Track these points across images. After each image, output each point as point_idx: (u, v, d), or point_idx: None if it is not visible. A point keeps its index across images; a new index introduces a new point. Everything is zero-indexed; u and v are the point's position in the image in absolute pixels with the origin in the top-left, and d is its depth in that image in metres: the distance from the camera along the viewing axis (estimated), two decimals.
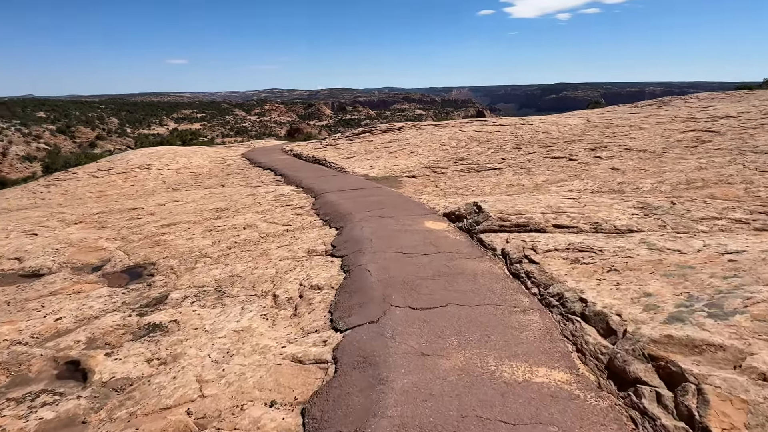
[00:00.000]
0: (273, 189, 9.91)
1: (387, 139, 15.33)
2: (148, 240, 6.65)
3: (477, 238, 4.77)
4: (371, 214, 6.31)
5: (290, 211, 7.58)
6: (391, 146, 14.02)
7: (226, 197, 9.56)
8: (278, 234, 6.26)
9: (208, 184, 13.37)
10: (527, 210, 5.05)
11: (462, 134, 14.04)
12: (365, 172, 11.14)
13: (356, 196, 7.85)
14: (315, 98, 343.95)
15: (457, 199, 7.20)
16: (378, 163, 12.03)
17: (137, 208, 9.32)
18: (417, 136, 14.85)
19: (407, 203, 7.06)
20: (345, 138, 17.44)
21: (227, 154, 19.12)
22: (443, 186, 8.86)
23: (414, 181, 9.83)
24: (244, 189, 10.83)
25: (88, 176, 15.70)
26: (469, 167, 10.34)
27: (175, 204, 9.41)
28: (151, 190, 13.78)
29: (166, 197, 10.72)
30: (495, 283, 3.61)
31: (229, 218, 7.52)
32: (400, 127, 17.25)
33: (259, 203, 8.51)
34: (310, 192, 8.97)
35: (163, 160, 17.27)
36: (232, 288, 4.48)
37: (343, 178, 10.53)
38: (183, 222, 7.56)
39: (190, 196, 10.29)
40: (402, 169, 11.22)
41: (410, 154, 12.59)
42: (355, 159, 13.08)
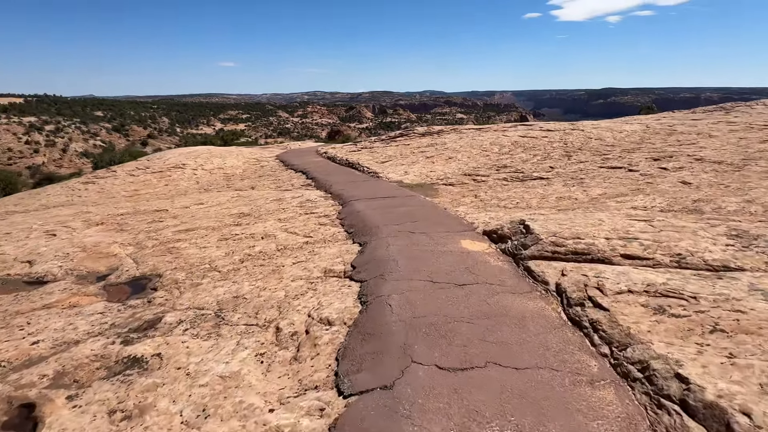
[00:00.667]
0: (300, 194, 9.37)
1: (424, 143, 14.56)
2: (161, 247, 6.21)
3: (524, 266, 3.94)
4: (400, 228, 5.57)
5: (314, 219, 6.96)
6: (428, 151, 13.24)
7: (251, 201, 9.10)
8: (296, 247, 5.64)
9: (239, 185, 13.05)
10: (587, 233, 4.17)
11: (505, 139, 13.07)
12: (399, 178, 10.42)
13: (386, 206, 7.14)
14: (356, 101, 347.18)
15: (499, 213, 6.35)
16: (413, 169, 11.28)
17: (161, 210, 9.01)
18: (456, 140, 13.99)
19: (442, 216, 6.27)
20: (381, 141, 16.80)
21: (262, 155, 18.91)
22: (483, 196, 8.01)
23: (451, 189, 9.02)
24: (272, 193, 10.36)
25: (125, 174, 15.81)
26: (513, 176, 9.42)
27: (199, 207, 9.04)
28: (183, 190, 13.63)
29: (193, 199, 10.41)
30: (549, 332, 2.80)
31: (249, 225, 7.00)
32: (438, 130, 16.43)
33: (283, 209, 7.96)
34: (338, 199, 8.34)
35: (198, 160, 17.23)
36: (233, 313, 3.87)
37: (375, 184, 9.85)
38: (202, 228, 7.10)
39: (217, 199, 9.92)
40: (439, 175, 10.42)
41: (448, 160, 11.77)
42: (389, 164, 12.39)
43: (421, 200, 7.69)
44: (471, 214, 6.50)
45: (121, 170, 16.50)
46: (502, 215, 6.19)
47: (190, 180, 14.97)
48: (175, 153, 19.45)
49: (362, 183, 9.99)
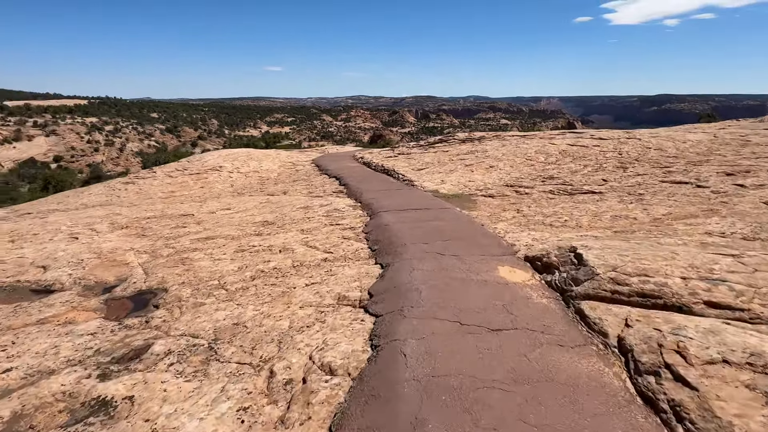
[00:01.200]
0: (329, 202, 8.89)
1: (464, 150, 13.79)
2: (175, 257, 5.85)
3: (575, 307, 3.21)
4: (429, 247, 4.93)
5: (338, 232, 6.43)
6: (467, 158, 12.47)
7: (277, 208, 8.71)
8: (314, 264, 5.10)
9: (272, 190, 12.79)
10: (657, 269, 3.37)
11: (552, 147, 12.11)
12: (435, 187, 9.75)
13: (417, 219, 6.50)
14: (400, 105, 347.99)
15: (544, 234, 5.57)
16: (451, 178, 10.57)
17: (187, 215, 8.79)
18: (498, 147, 13.15)
19: (478, 234, 5.57)
20: (419, 147, 16.16)
21: (299, 159, 18.72)
22: (526, 211, 7.21)
23: (490, 202, 8.26)
24: (302, 199, 9.96)
25: (164, 176, 15.99)
26: (561, 188, 8.53)
27: (225, 213, 8.74)
28: (217, 193, 13.53)
29: (222, 203, 10.18)
30: (612, 414, 2.08)
31: (270, 236, 6.56)
32: (480, 137, 15.60)
33: (308, 218, 7.49)
34: (367, 209, 7.78)
35: (235, 163, 17.22)
36: (228, 345, 3.36)
37: (408, 193, 9.23)
38: (221, 236, 6.73)
39: (245, 204, 9.62)
40: (478, 186, 9.66)
41: (489, 169, 10.98)
42: (425, 171, 11.73)
43: (455, 213, 6.99)
44: (512, 232, 5.75)
45: (160, 171, 16.73)
46: (547, 236, 5.42)
47: (225, 183, 14.91)
48: (214, 155, 19.62)
49: (395, 192, 9.40)
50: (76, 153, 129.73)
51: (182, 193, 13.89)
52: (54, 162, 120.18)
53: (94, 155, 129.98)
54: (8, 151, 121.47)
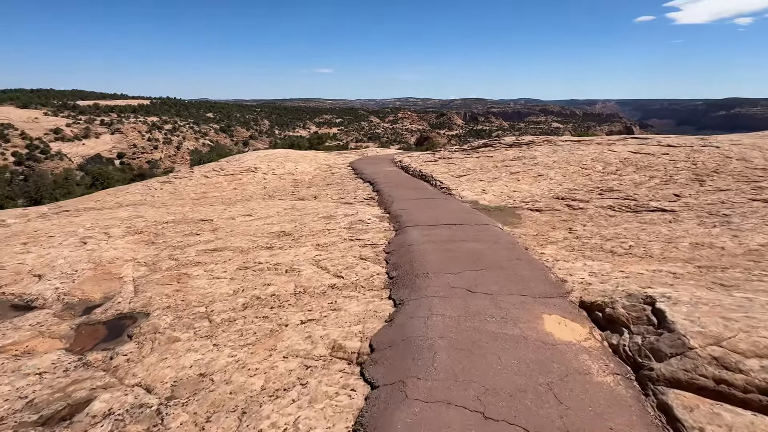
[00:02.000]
0: (355, 211, 8.09)
1: (510, 155, 12.60)
2: (174, 272, 5.24)
3: (658, 400, 2.18)
4: (457, 280, 3.98)
5: (356, 249, 5.60)
6: (513, 165, 11.31)
7: (300, 216, 8.01)
8: (318, 292, 4.29)
9: (303, 194, 12.19)
10: None
11: (611, 155, 10.71)
12: (474, 198, 8.72)
13: (449, 239, 5.54)
14: (448, 107, 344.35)
15: (604, 265, 4.47)
16: (493, 187, 9.48)
17: (207, 220, 8.28)
18: (549, 154, 11.86)
19: (520, 262, 4.55)
20: (461, 152, 15.08)
21: (336, 161, 18.13)
22: (581, 231, 6.07)
23: (538, 217, 7.15)
24: (329, 205, 9.24)
25: (200, 176, 15.85)
26: (622, 204, 7.28)
27: (245, 219, 8.15)
28: (248, 195, 13.11)
29: (247, 208, 9.64)
30: None
31: (281, 250, 5.83)
32: (528, 141, 14.31)
33: (328, 230, 6.72)
34: (395, 221, 6.90)
35: (271, 164, 16.85)
36: (180, 411, 2.60)
37: (443, 203, 8.26)
38: (231, 248, 6.08)
39: (268, 210, 9.02)
40: (524, 197, 8.54)
41: (537, 178, 9.78)
42: (465, 179, 10.70)
43: (494, 232, 5.97)
44: (563, 260, 4.68)
45: (198, 171, 16.63)
46: (609, 268, 4.32)
47: (258, 185, 14.51)
48: (252, 156, 19.42)
49: (429, 201, 8.45)
50: (137, 150, 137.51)
51: (214, 194, 13.59)
52: (117, 158, 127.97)
53: (154, 153, 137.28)
54: (77, 148, 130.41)
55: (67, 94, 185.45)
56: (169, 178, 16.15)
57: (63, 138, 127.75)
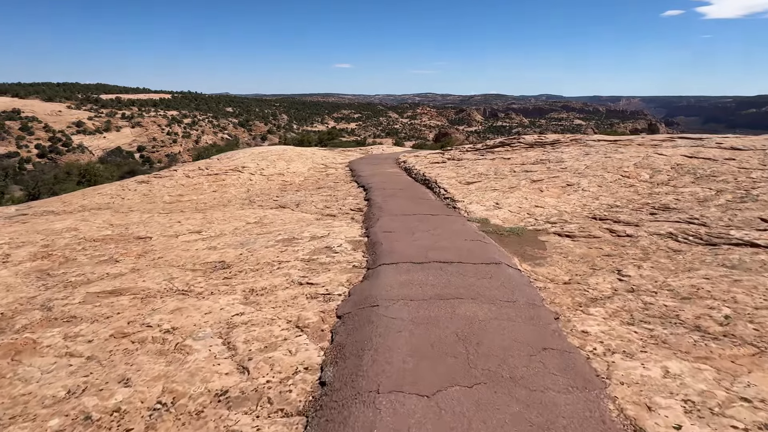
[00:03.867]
0: (329, 231, 6.25)
1: (531, 157, 10.57)
2: (19, 336, 3.49)
3: None
4: (428, 413, 2.10)
5: (299, 304, 3.76)
6: (535, 170, 9.29)
7: (256, 237, 6.23)
8: (189, 412, 2.47)
9: (286, 200, 10.43)
10: None
11: (659, 159, 8.61)
12: (484, 214, 6.79)
13: (437, 294, 3.64)
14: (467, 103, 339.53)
15: (701, 370, 2.53)
16: (510, 199, 7.51)
17: (144, 238, 6.58)
18: (579, 157, 9.80)
19: (548, 358, 2.63)
20: (474, 151, 13.07)
21: (334, 160, 16.31)
22: (636, 280, 4.11)
23: (569, 248, 5.19)
24: (304, 219, 7.46)
25: (182, 175, 14.24)
26: (688, 231, 5.25)
27: (189, 239, 6.41)
28: (227, 199, 11.41)
29: (207, 219, 7.92)
30: None
31: (197, 299, 4.04)
32: (553, 141, 12.22)
33: (278, 264, 4.90)
34: (372, 252, 5.04)
35: (261, 163, 15.14)
36: None
37: (443, 223, 6.34)
38: (132, 292, 4.32)
39: (225, 225, 7.27)
40: (549, 214, 6.56)
41: (566, 189, 7.76)
42: (475, 186, 8.74)
43: (508, 280, 4.03)
44: (620, 357, 2.74)
45: (181, 171, 15.04)
46: (712, 379, 2.39)
47: (242, 187, 12.80)
48: (247, 153, 17.76)
49: (425, 219, 6.55)
50: (157, 144, 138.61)
51: (190, 197, 11.94)
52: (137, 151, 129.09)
53: (173, 146, 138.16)
54: (99, 141, 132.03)
55: (91, 87, 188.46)
56: (150, 178, 14.58)
57: (85, 131, 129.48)
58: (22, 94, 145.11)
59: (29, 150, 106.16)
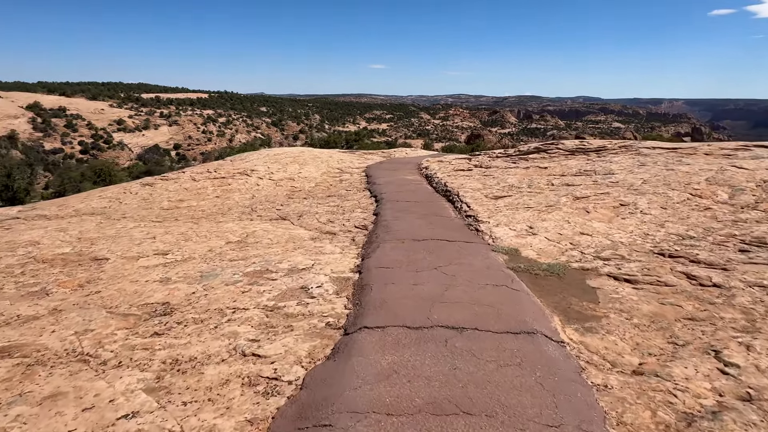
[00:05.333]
0: (313, 262, 4.97)
1: (573, 167, 8.98)
2: None
3: None
4: None
5: (222, 403, 2.49)
6: (579, 184, 7.72)
7: (215, 272, 5.02)
8: None
9: (289, 210, 9.28)
10: None
11: (738, 173, 6.90)
12: (514, 242, 5.35)
13: (434, 392, 2.31)
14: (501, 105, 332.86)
15: None
16: (547, 223, 6.02)
17: (100, 260, 5.53)
18: (633, 168, 8.16)
19: None
20: (505, 157, 11.54)
21: (351, 164, 15.06)
22: (745, 367, 2.64)
23: (630, 300, 3.72)
24: (296, 238, 6.24)
25: (188, 178, 13.33)
26: None
27: (149, 263, 5.29)
28: (227, 207, 10.36)
29: (185, 235, 6.83)
30: None
31: (81, 384, 2.84)
32: (598, 147, 10.55)
33: (232, 314, 3.66)
34: (358, 301, 3.73)
35: (273, 166, 14.08)
36: None
37: (459, 254, 4.95)
38: (22, 353, 3.17)
39: (201, 245, 6.13)
40: (599, 246, 5.06)
41: (620, 210, 6.20)
42: (505, 203, 7.27)
43: (544, 363, 2.63)
44: None
45: (189, 173, 14.15)
46: None
47: (247, 192, 11.74)
48: (262, 154, 16.79)
49: (438, 247, 5.17)
50: (192, 142, 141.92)
51: (189, 203, 10.96)
52: (174, 149, 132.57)
53: (207, 144, 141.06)
54: (138, 138, 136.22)
55: (133, 87, 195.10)
56: (155, 180, 13.74)
57: (125, 128, 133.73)
58: (69, 92, 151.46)
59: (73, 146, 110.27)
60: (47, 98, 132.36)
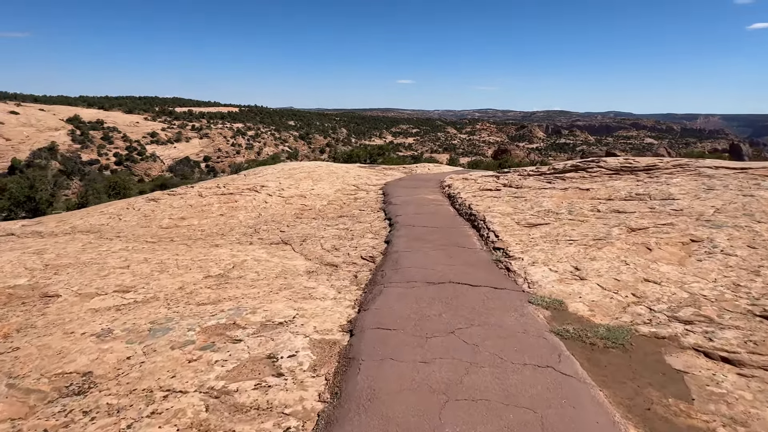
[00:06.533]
0: (295, 314, 3.89)
1: (621, 189, 7.66)
2: None
3: None
4: None
5: None
6: (631, 210, 6.41)
7: (169, 325, 4.00)
8: None
9: (295, 232, 8.31)
10: None
11: None
12: (557, 290, 4.14)
13: None
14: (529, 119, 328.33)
15: None
16: (598, 263, 4.76)
17: (50, 297, 4.64)
18: (698, 192, 6.79)
19: None
20: (538, 176, 10.26)
21: (368, 180, 14.03)
22: None
23: (734, 390, 2.47)
24: (290, 271, 5.19)
25: (195, 194, 12.56)
26: None
27: (97, 308, 4.33)
28: (230, 226, 9.47)
29: (161, 267, 5.87)
30: None
31: None
32: (647, 166, 9.16)
33: (162, 400, 2.60)
34: (338, 389, 2.61)
35: (284, 182, 13.18)
36: None
37: (485, 309, 3.76)
38: None
39: (171, 284, 5.15)
40: (673, 299, 3.79)
41: (691, 247, 4.88)
42: (542, 232, 6.03)
43: None
44: None
45: (197, 188, 13.41)
46: None
47: (254, 210, 10.84)
48: (277, 168, 15.99)
49: (455, 300, 4.00)
50: (222, 154, 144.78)
51: (190, 222, 10.13)
52: (204, 161, 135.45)
53: (236, 157, 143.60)
54: (169, 150, 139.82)
55: (168, 101, 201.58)
56: (162, 195, 13.04)
57: (158, 141, 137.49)
58: (107, 106, 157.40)
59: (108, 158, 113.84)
60: (86, 112, 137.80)
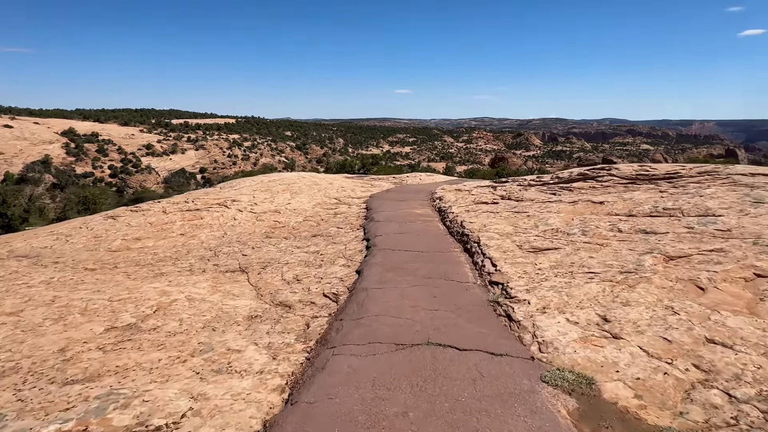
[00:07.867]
0: (188, 408, 2.58)
1: (641, 202, 6.38)
2: None
3: None
4: None
5: None
6: (662, 231, 5.14)
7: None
8: None
9: (257, 257, 7.02)
10: None
11: None
12: (582, 358, 2.84)
13: None
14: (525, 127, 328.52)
15: None
16: (633, 310, 3.47)
17: None
18: (746, 206, 5.53)
19: None
20: (540, 185, 8.99)
21: (352, 192, 12.75)
22: None
23: None
24: (199, 335, 3.88)
25: (158, 210, 11.26)
26: None
27: None
28: (186, 250, 8.17)
29: (61, 310, 4.55)
30: None
31: None
32: (668, 173, 7.90)
33: None
34: None
35: (259, 195, 11.89)
36: None
37: (479, 389, 2.47)
38: None
39: (54, 341, 3.82)
40: (760, 377, 2.51)
41: (758, 284, 3.62)
42: (550, 260, 4.73)
43: None
44: None
45: (163, 203, 12.10)
46: None
47: (220, 228, 9.54)
48: (255, 180, 14.72)
49: (436, 377, 2.69)
50: (218, 165, 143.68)
51: (144, 244, 8.82)
52: (199, 172, 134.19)
53: (232, 168, 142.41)
54: (165, 162, 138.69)
55: (164, 113, 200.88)
56: (122, 212, 11.72)
57: (153, 153, 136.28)
58: (102, 119, 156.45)
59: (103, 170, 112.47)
60: (81, 124, 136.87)
